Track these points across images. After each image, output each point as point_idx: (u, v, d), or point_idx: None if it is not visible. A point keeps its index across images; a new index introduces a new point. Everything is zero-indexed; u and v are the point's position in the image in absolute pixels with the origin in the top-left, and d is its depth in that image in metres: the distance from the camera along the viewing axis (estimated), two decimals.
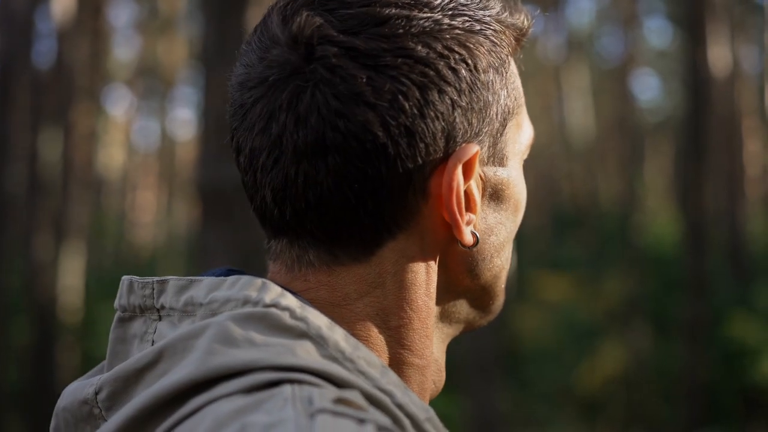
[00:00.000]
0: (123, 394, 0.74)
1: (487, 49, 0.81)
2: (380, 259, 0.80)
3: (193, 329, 0.72)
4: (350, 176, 0.76)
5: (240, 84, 0.81)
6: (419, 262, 0.82)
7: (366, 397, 0.70)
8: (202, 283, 0.77)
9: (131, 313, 0.81)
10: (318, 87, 0.76)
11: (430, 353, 0.85)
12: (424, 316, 0.83)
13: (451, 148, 0.79)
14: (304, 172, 0.76)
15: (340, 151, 0.75)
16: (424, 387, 0.85)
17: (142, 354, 0.74)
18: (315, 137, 0.75)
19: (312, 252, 0.80)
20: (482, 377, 7.80)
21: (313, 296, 0.80)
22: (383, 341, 0.81)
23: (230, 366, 0.68)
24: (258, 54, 0.80)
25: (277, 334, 0.71)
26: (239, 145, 0.82)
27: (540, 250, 17.21)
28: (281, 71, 0.77)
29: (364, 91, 0.75)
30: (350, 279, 0.80)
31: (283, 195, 0.78)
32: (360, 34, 0.76)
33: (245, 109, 0.80)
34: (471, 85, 0.79)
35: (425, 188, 0.79)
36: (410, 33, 0.77)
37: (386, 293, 0.81)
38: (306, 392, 0.65)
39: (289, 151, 0.77)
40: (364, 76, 0.75)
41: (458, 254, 0.84)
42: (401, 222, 0.79)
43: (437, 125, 0.77)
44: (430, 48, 0.77)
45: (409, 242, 0.80)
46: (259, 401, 0.64)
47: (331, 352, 0.72)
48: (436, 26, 0.78)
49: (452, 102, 0.78)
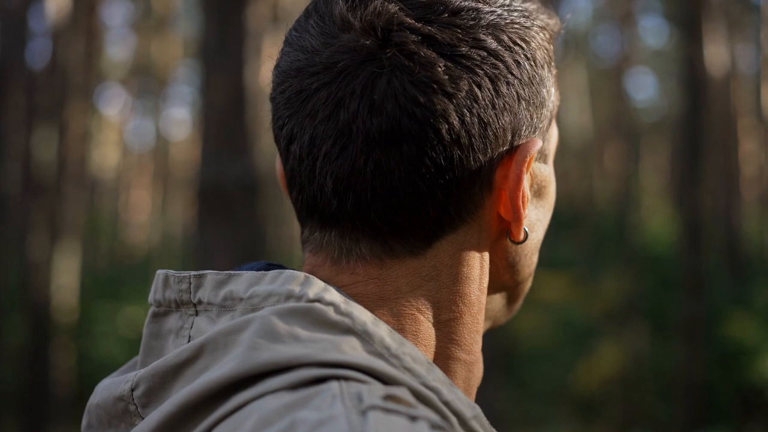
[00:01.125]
0: (161, 390, 0.73)
1: (540, 44, 0.82)
2: (437, 252, 0.79)
3: (236, 324, 0.71)
4: (423, 166, 0.75)
5: (298, 70, 0.79)
6: (475, 256, 0.81)
7: (413, 393, 0.68)
8: (242, 278, 0.76)
9: (166, 308, 0.79)
10: (395, 73, 0.74)
11: (479, 349, 0.85)
12: (476, 311, 0.82)
13: (515, 142, 0.79)
14: (375, 161, 0.75)
15: (416, 139, 0.74)
16: (470, 383, 0.85)
17: (182, 349, 0.73)
18: (390, 125, 0.74)
19: (364, 244, 0.79)
20: None
21: (362, 290, 0.78)
22: (432, 335, 0.80)
23: (275, 362, 0.67)
24: (321, 39, 0.78)
25: (321, 330, 0.70)
26: (292, 133, 0.79)
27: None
28: (354, 57, 0.76)
29: (443, 80, 0.74)
30: (403, 272, 0.79)
31: (347, 184, 0.76)
32: (434, 23, 0.76)
33: (305, 95, 0.78)
34: (531, 79, 0.80)
35: (491, 181, 0.79)
36: (480, 25, 0.77)
37: (440, 286, 0.80)
38: (354, 389, 0.64)
39: (360, 138, 0.75)
40: (442, 65, 0.74)
41: (504, 249, 0.84)
42: (465, 214, 0.79)
43: (506, 117, 0.77)
44: (499, 41, 0.77)
45: (468, 235, 0.80)
46: (306, 398, 0.63)
47: (377, 349, 0.71)
48: (500, 20, 0.79)
49: (518, 95, 0.78)
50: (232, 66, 5.14)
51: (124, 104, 27.26)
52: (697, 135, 9.57)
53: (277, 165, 0.90)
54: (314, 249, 0.82)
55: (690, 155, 9.60)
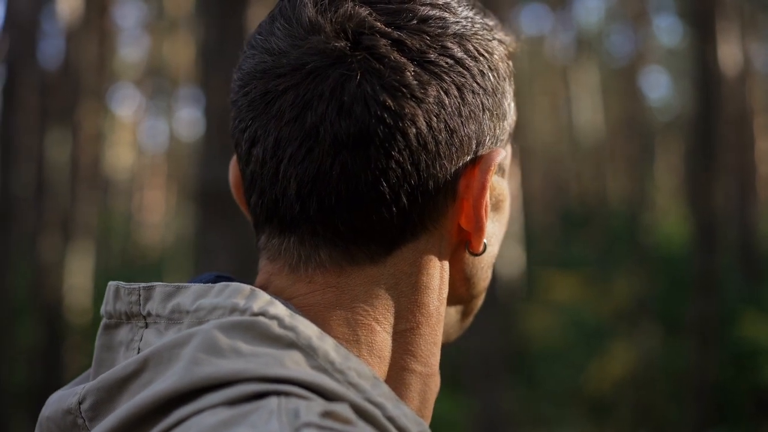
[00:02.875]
0: (107, 403, 0.72)
1: (501, 58, 0.82)
2: (397, 260, 0.78)
3: (179, 338, 0.70)
4: (390, 170, 0.74)
5: (263, 72, 0.78)
6: (436, 266, 0.80)
7: (355, 409, 0.67)
8: (190, 290, 0.74)
9: (117, 320, 0.78)
10: (365, 76, 0.74)
11: (436, 362, 0.83)
12: (434, 322, 0.81)
13: (479, 151, 0.79)
14: (341, 164, 0.74)
15: (384, 143, 0.74)
16: (425, 396, 0.82)
17: (127, 362, 0.71)
18: (359, 127, 0.74)
19: (324, 250, 0.77)
20: (488, 377, 7.76)
21: (319, 299, 0.77)
22: (388, 346, 0.79)
23: (216, 377, 0.66)
24: (288, 41, 0.77)
25: (264, 344, 0.68)
26: (255, 135, 0.78)
27: (548, 249, 17.19)
28: (323, 59, 0.75)
29: (412, 85, 0.74)
30: (361, 280, 0.77)
31: (311, 188, 0.75)
32: (403, 29, 0.76)
33: (271, 97, 0.76)
34: (495, 89, 0.80)
35: (455, 189, 0.78)
36: (447, 33, 0.78)
37: (398, 295, 0.78)
38: (293, 405, 0.62)
39: (327, 141, 0.74)
40: (412, 70, 0.74)
41: (461, 261, 0.83)
42: (428, 222, 0.78)
43: (471, 126, 0.77)
44: (465, 50, 0.78)
45: (429, 244, 0.79)
46: (244, 414, 0.62)
47: (321, 363, 0.69)
48: (466, 30, 0.79)
49: (482, 104, 0.78)
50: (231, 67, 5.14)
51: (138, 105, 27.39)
52: (710, 134, 9.51)
53: (231, 172, 0.89)
54: (271, 256, 0.81)
55: (704, 154, 9.54)
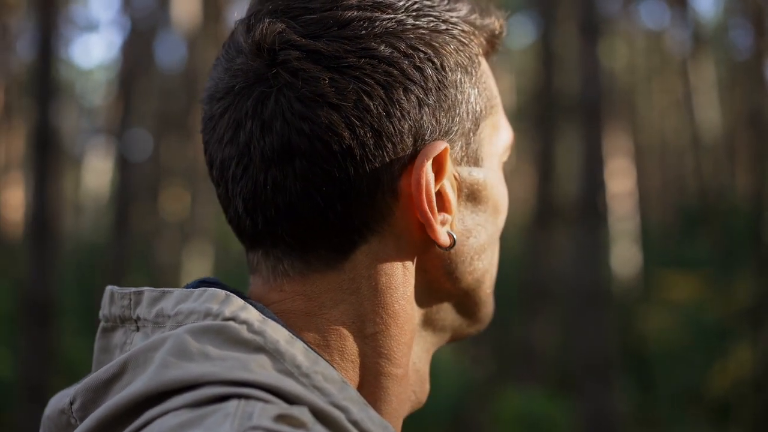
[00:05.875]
0: (93, 404, 0.75)
1: (454, 48, 0.81)
2: (354, 264, 0.79)
3: (154, 341, 0.73)
4: (317, 179, 0.76)
5: (209, 97, 0.82)
6: (395, 265, 0.80)
7: (316, 413, 0.68)
8: (173, 295, 0.78)
9: (113, 323, 0.82)
10: (282, 92, 0.76)
11: (408, 362, 0.83)
12: (402, 321, 0.81)
13: (419, 147, 0.78)
14: (273, 179, 0.77)
15: (306, 154, 0.75)
16: (402, 398, 0.83)
17: (109, 365, 0.75)
18: (281, 142, 0.76)
19: (286, 261, 0.80)
20: (596, 378, 7.62)
21: (290, 306, 0.80)
22: (360, 350, 0.80)
23: (182, 379, 0.68)
24: (225, 65, 0.81)
25: (233, 348, 0.71)
26: (211, 157, 0.82)
27: (666, 248, 16.77)
28: (246, 79, 0.78)
29: (327, 93, 0.75)
30: (325, 286, 0.79)
31: (254, 203, 0.79)
32: (322, 38, 0.77)
33: (214, 121, 0.81)
34: (438, 83, 0.79)
35: (395, 188, 0.78)
36: (373, 33, 0.77)
37: (361, 299, 0.79)
38: (250, 408, 0.64)
39: (257, 158, 0.77)
40: (326, 78, 0.75)
41: (437, 257, 0.83)
42: (372, 224, 0.78)
43: (404, 124, 0.77)
44: (393, 47, 0.77)
45: (383, 245, 0.79)
46: (202, 416, 0.65)
47: (287, 367, 0.71)
48: (399, 26, 0.78)
49: (419, 100, 0.77)
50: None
51: None
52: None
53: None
54: (251, 270, 0.84)
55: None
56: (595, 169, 8.06)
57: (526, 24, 23.13)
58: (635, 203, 16.70)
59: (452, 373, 10.98)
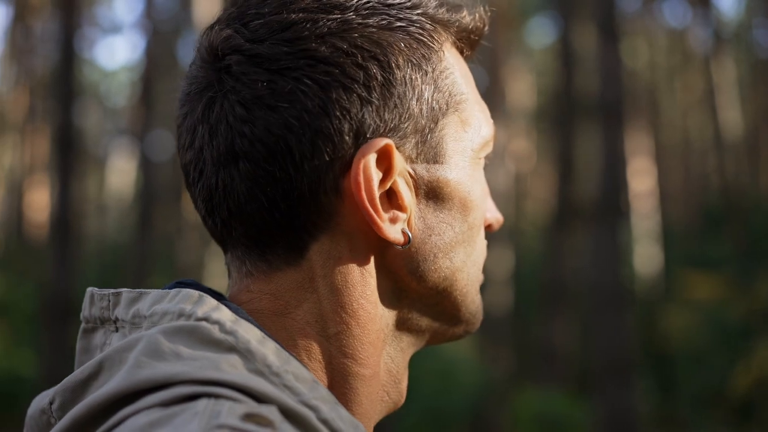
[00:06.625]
0: (72, 404, 0.76)
1: (406, 46, 0.80)
2: (310, 263, 0.80)
3: (129, 342, 0.74)
4: (261, 180, 0.78)
5: (178, 103, 0.85)
6: (349, 264, 0.81)
7: (285, 412, 0.69)
8: (149, 296, 0.79)
9: (93, 324, 0.83)
10: (226, 96, 0.79)
11: (378, 362, 0.83)
12: (364, 321, 0.82)
13: (360, 145, 0.78)
14: (222, 181, 0.79)
15: (249, 156, 0.77)
16: (372, 399, 0.84)
17: (86, 365, 0.76)
18: (226, 145, 0.78)
19: (248, 261, 0.82)
20: (616, 378, 7.58)
21: (258, 306, 0.81)
22: (325, 350, 0.81)
23: (154, 379, 0.69)
24: (186, 72, 0.85)
25: (204, 348, 0.72)
26: (181, 162, 0.85)
27: (688, 247, 16.65)
28: (198, 85, 0.81)
29: (265, 95, 0.77)
30: (288, 285, 0.81)
31: (211, 206, 0.81)
32: (266, 41, 0.78)
33: (179, 127, 0.84)
34: (384, 81, 0.79)
35: (338, 187, 0.79)
36: (314, 35, 0.78)
37: (320, 298, 0.80)
38: (218, 407, 0.65)
39: (209, 162, 0.80)
40: (264, 80, 0.77)
41: (398, 256, 0.82)
42: (320, 223, 0.79)
43: (344, 123, 0.77)
44: (334, 47, 0.78)
45: (334, 243, 0.80)
46: (172, 415, 0.65)
47: (258, 367, 0.72)
48: (343, 26, 0.79)
49: (360, 99, 0.78)
50: None
51: None
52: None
53: None
54: (228, 271, 0.86)
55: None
56: (614, 168, 8.02)
57: (547, 24, 23.07)
58: (656, 202, 16.61)
59: (472, 372, 10.97)
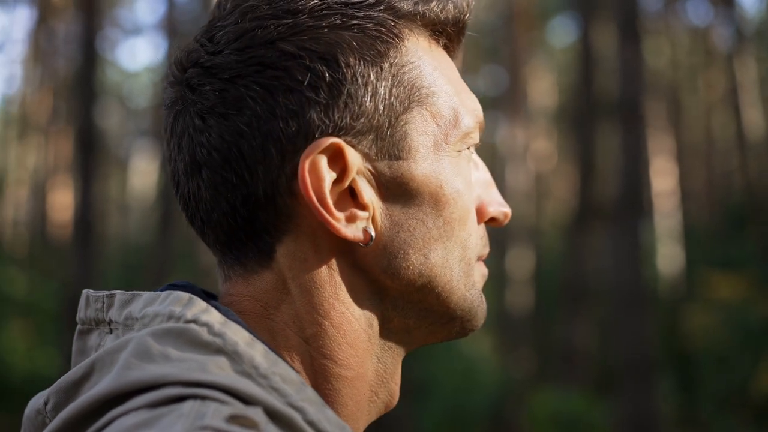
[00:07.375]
0: (65, 404, 0.77)
1: (358, 43, 0.80)
2: (279, 265, 0.82)
3: (119, 343, 0.75)
4: (220, 188, 0.80)
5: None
6: (316, 264, 0.81)
7: (271, 413, 0.69)
8: (141, 298, 0.80)
9: (89, 325, 0.84)
10: (187, 109, 0.82)
11: (361, 364, 0.83)
12: (338, 322, 0.82)
13: (308, 146, 0.79)
14: (191, 190, 0.83)
15: (208, 164, 0.80)
16: (358, 400, 0.84)
17: (79, 366, 0.77)
18: (189, 156, 0.82)
19: (226, 265, 0.85)
20: (637, 378, 7.55)
21: (241, 308, 0.82)
22: (305, 352, 0.82)
23: (143, 380, 0.69)
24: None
25: (193, 350, 0.73)
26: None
27: (711, 247, 16.53)
28: (169, 100, 0.85)
29: (217, 104, 0.79)
30: (264, 287, 0.82)
31: (189, 214, 0.85)
32: (222, 52, 0.81)
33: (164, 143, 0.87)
34: (331, 80, 0.79)
35: (291, 189, 0.79)
36: (264, 41, 0.79)
37: (293, 300, 0.81)
38: (204, 409, 0.66)
39: (180, 172, 0.83)
40: (217, 90, 0.79)
41: (368, 254, 0.82)
42: (279, 225, 0.80)
43: (291, 125, 0.78)
44: (282, 52, 0.79)
45: (298, 244, 0.81)
46: (158, 416, 0.65)
47: (245, 368, 0.72)
48: (292, 30, 0.79)
49: (307, 100, 0.78)
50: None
51: None
52: None
53: None
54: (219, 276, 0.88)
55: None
56: (635, 168, 7.99)
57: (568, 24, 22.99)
58: (678, 202, 16.51)
59: (492, 372, 10.97)
